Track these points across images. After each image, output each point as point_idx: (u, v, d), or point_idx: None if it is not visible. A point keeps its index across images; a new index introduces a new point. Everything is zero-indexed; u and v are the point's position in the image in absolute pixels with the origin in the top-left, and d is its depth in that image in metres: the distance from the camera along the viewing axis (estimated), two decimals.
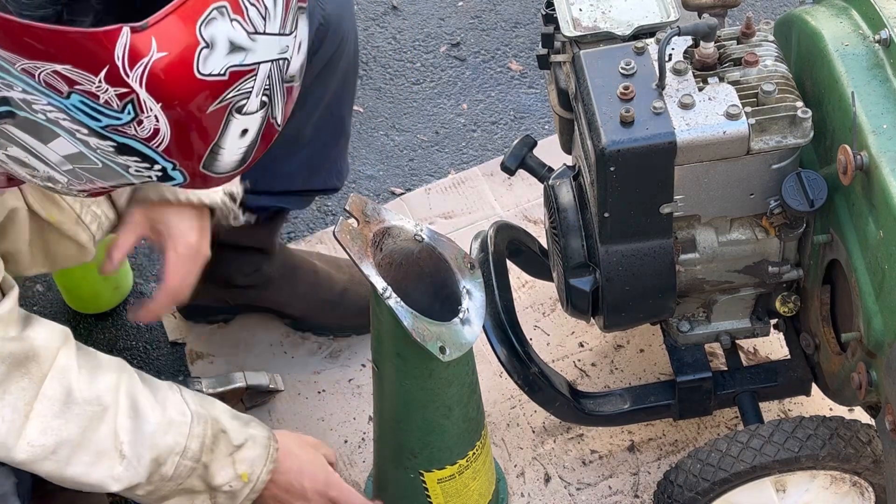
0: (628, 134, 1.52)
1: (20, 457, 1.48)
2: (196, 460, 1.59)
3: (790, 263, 1.71)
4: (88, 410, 1.50)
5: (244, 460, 1.64)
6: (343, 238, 1.55)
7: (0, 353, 1.44)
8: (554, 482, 2.03)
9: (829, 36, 1.57)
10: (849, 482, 1.71)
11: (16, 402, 1.46)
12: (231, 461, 1.63)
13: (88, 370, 1.52)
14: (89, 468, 1.52)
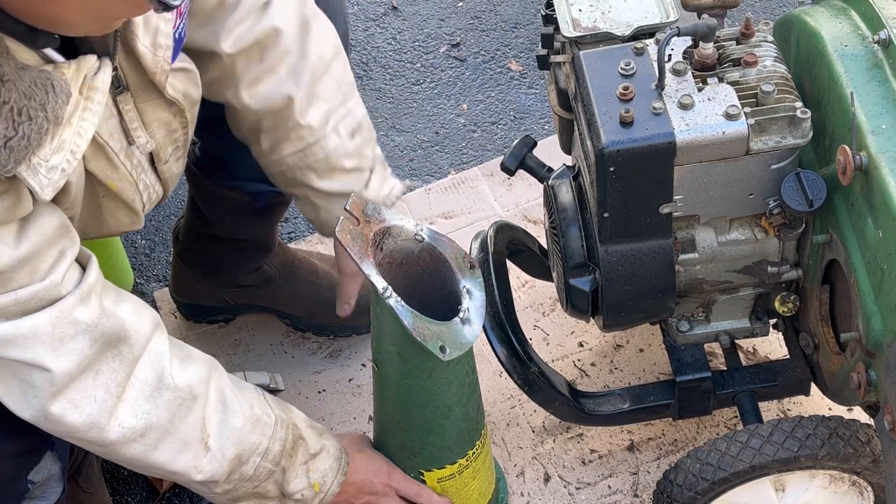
0: (628, 134, 1.53)
1: (112, 436, 1.49)
2: (276, 463, 1.61)
3: (789, 263, 1.71)
4: (179, 398, 1.52)
5: (318, 470, 1.66)
6: (343, 238, 1.55)
7: (94, 330, 1.45)
8: (554, 482, 2.03)
9: (828, 36, 1.58)
10: (848, 482, 1.72)
11: (108, 383, 1.47)
12: (306, 469, 1.65)
13: (180, 359, 1.55)
14: (175, 455, 1.54)
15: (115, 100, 1.49)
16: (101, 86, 1.38)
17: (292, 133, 1.71)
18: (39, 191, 1.34)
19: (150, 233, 2.48)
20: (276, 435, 1.60)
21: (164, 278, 2.39)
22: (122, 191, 1.56)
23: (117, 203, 1.58)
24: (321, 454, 1.67)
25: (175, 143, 1.63)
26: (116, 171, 1.53)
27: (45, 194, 1.34)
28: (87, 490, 1.92)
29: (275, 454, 1.60)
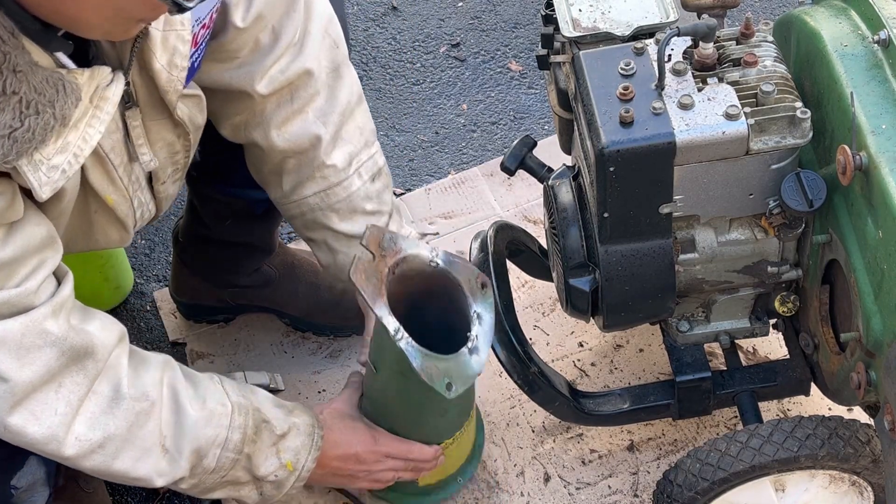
0: (628, 134, 1.53)
1: (69, 452, 1.49)
2: (238, 451, 1.60)
3: (789, 263, 1.71)
4: (135, 407, 1.52)
5: (288, 449, 1.65)
6: (358, 279, 1.57)
7: (63, 343, 1.45)
8: (553, 482, 2.03)
9: (828, 36, 1.58)
10: (848, 482, 1.72)
11: (70, 396, 1.47)
12: (275, 451, 1.64)
13: (134, 366, 1.54)
14: (135, 463, 1.54)
15: (124, 114, 1.49)
16: (112, 97, 1.38)
17: (317, 173, 1.73)
18: (38, 188, 1.33)
19: (150, 233, 2.48)
20: (233, 424, 1.59)
21: (164, 278, 2.39)
22: (118, 206, 1.56)
23: (109, 218, 1.59)
24: (290, 433, 1.66)
25: (175, 164, 1.64)
26: (114, 185, 1.53)
27: (42, 192, 1.34)
28: (86, 490, 1.92)
29: (235, 443, 1.59)
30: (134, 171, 1.56)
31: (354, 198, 1.75)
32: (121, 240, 1.64)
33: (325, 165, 1.72)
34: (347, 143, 1.74)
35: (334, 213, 1.76)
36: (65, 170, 1.35)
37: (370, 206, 1.77)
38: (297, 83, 1.67)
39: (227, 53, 1.61)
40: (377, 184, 1.78)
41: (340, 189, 1.74)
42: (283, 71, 1.65)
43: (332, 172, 1.73)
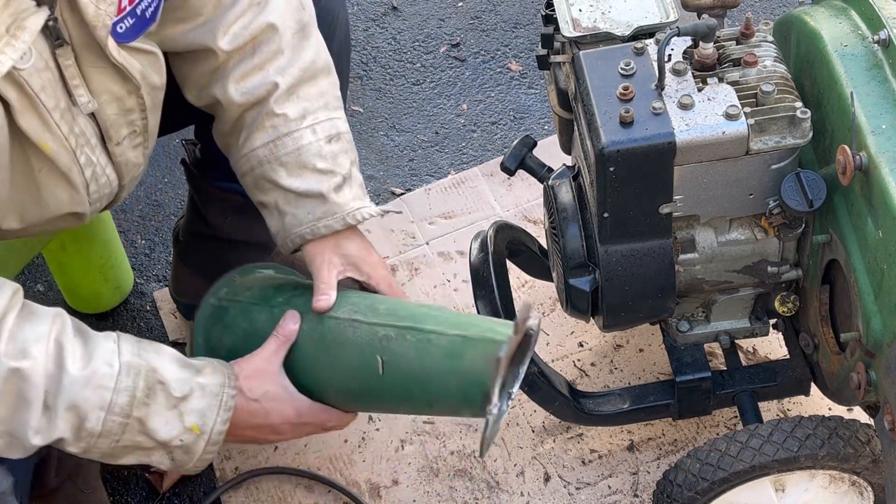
0: (628, 134, 1.53)
1: None
2: (126, 415, 1.49)
3: (789, 263, 1.71)
4: (10, 364, 1.43)
5: (192, 411, 1.53)
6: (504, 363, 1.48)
7: None
8: (553, 481, 2.03)
9: (828, 36, 1.58)
10: (848, 482, 1.72)
11: None
12: (177, 414, 1.53)
13: (20, 322, 1.45)
14: (13, 415, 1.44)
15: (54, 53, 1.44)
16: (31, 26, 1.35)
17: (266, 121, 1.66)
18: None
19: (150, 233, 2.48)
20: (119, 386, 1.48)
21: (164, 278, 2.39)
22: (57, 157, 1.49)
23: (54, 175, 1.52)
24: (193, 395, 1.54)
25: (131, 126, 1.59)
26: (49, 132, 1.47)
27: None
28: (84, 491, 1.91)
29: (122, 406, 1.48)
30: (78, 122, 1.51)
31: (304, 152, 1.66)
32: (72, 201, 1.56)
33: (275, 114, 1.65)
34: (304, 101, 1.67)
35: (282, 167, 1.67)
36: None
37: (321, 164, 1.67)
38: (260, 38, 1.64)
39: (190, 11, 1.59)
40: (333, 145, 1.69)
41: (290, 140, 1.66)
42: (245, 27, 1.63)
43: (281, 122, 1.66)
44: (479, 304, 1.79)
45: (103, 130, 1.56)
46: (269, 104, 1.65)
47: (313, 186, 1.66)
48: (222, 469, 2.11)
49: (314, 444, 2.12)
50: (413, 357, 1.56)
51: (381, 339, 1.58)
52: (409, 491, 2.05)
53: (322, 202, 1.66)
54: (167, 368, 1.54)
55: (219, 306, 1.73)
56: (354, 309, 1.62)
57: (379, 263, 1.72)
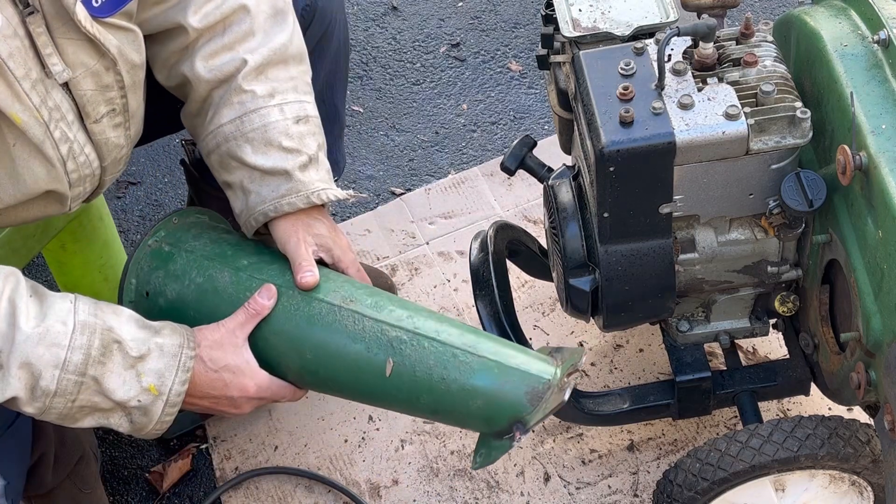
0: (628, 134, 1.53)
1: None
2: (81, 374, 1.47)
3: (789, 263, 1.71)
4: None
5: (150, 372, 1.51)
6: None
7: None
8: (553, 481, 2.03)
9: (828, 36, 1.58)
10: (848, 481, 1.72)
11: None
12: (134, 374, 1.50)
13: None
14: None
15: (24, 21, 1.43)
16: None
17: (234, 97, 1.64)
18: None
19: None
20: (73, 344, 1.46)
21: None
22: (28, 128, 1.47)
23: (28, 149, 1.50)
24: (151, 355, 1.52)
25: (110, 104, 1.57)
26: (20, 102, 1.46)
27: None
28: (84, 490, 1.91)
29: (76, 364, 1.46)
30: (52, 96, 1.49)
31: (271, 129, 1.63)
32: (49, 177, 1.53)
33: (243, 90, 1.63)
34: (273, 81, 1.65)
35: (248, 144, 1.64)
36: None
37: (288, 142, 1.64)
38: (231, 18, 1.63)
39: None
40: (301, 126, 1.66)
41: (256, 116, 1.63)
42: (218, 6, 1.62)
43: (249, 98, 1.63)
44: (479, 304, 1.79)
45: (80, 107, 1.53)
46: (237, 80, 1.63)
47: (278, 164, 1.63)
48: (222, 469, 2.11)
49: (314, 444, 2.12)
50: (432, 366, 1.54)
51: (393, 341, 1.55)
52: (409, 491, 2.05)
53: (287, 179, 1.63)
54: (124, 328, 1.51)
55: (160, 250, 1.68)
56: (349, 297, 1.59)
57: (347, 247, 1.69)
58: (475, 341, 1.56)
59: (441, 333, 1.56)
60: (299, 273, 1.60)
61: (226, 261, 1.65)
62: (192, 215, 1.74)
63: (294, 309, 1.60)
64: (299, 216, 1.65)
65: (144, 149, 2.57)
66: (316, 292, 1.60)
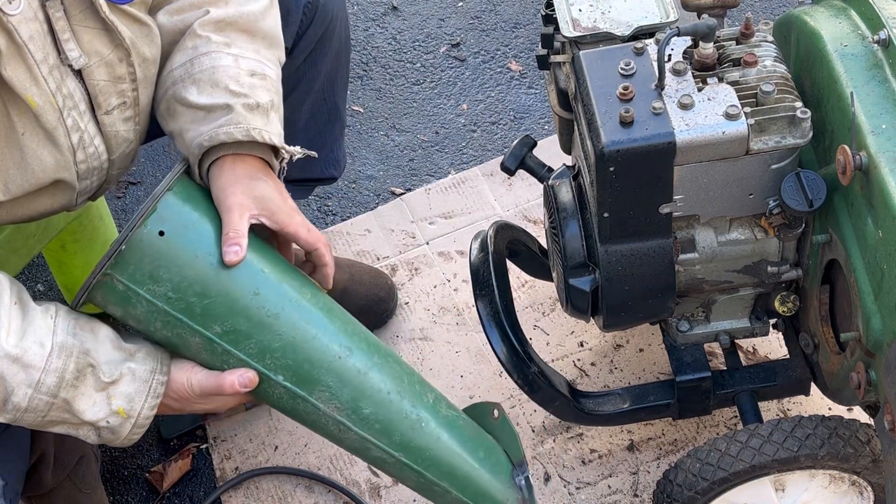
0: (628, 134, 1.53)
1: None
2: (53, 395, 1.48)
3: (789, 263, 1.71)
4: None
5: (120, 395, 1.51)
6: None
7: None
8: (554, 481, 2.03)
9: (828, 36, 1.58)
10: (848, 481, 1.72)
11: None
12: (105, 396, 1.51)
13: None
14: None
15: (44, 5, 1.43)
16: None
17: (188, 42, 1.58)
18: None
19: None
20: (48, 367, 1.46)
21: None
22: (42, 112, 1.47)
23: (38, 136, 1.49)
24: (122, 380, 1.51)
25: (122, 96, 1.56)
26: (37, 86, 1.46)
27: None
28: (83, 490, 1.92)
29: (49, 386, 1.46)
30: (66, 83, 1.49)
31: (220, 72, 1.54)
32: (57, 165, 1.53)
33: (197, 35, 1.56)
34: (233, 40, 1.57)
35: (194, 85, 1.55)
36: None
37: (236, 86, 1.54)
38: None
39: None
40: (255, 79, 1.56)
41: (206, 59, 1.55)
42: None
43: (202, 42, 1.56)
44: (479, 304, 1.79)
45: (92, 96, 1.53)
46: (194, 27, 1.58)
47: (218, 101, 1.54)
48: (222, 469, 2.11)
49: (314, 444, 2.12)
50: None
51: (376, 461, 1.59)
52: (409, 491, 2.05)
53: (227, 112, 1.54)
54: (100, 351, 1.51)
55: (112, 287, 1.50)
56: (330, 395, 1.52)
57: (294, 210, 1.57)
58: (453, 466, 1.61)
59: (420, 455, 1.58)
60: (224, 245, 1.48)
61: (194, 320, 1.49)
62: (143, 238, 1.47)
63: (273, 397, 1.54)
64: (240, 168, 1.53)
65: (144, 148, 2.57)
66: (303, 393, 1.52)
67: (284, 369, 1.50)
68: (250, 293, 1.47)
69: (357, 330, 1.58)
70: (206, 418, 2.17)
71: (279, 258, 1.55)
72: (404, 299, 2.30)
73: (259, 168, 1.55)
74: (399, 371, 1.58)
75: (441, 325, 2.25)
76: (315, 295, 1.54)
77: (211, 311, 1.47)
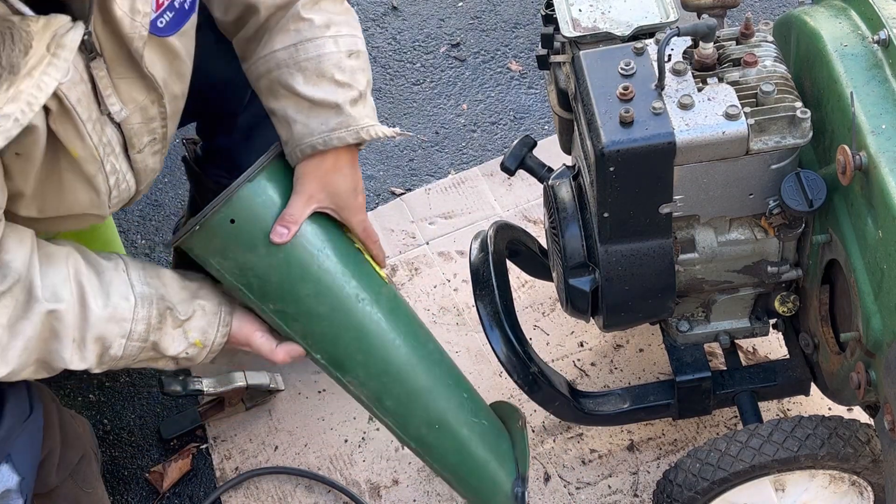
0: (628, 134, 1.53)
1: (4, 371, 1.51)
2: (143, 340, 1.62)
3: (789, 263, 1.71)
4: (48, 307, 1.53)
5: (195, 329, 1.67)
6: None
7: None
8: (554, 481, 2.03)
9: (828, 36, 1.58)
10: (848, 481, 1.72)
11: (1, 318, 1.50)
12: (182, 332, 1.66)
13: (43, 266, 1.55)
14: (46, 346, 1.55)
15: (88, 66, 1.47)
16: (70, 44, 1.36)
17: (291, 25, 1.64)
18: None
19: (150, 233, 2.48)
20: (136, 317, 1.60)
21: None
22: (84, 163, 1.54)
23: (78, 177, 1.56)
24: (195, 315, 1.67)
25: (152, 133, 1.61)
26: (81, 140, 1.51)
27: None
28: (85, 489, 1.92)
29: (140, 333, 1.61)
30: (105, 132, 1.53)
31: (325, 60, 1.63)
32: (91, 204, 1.61)
33: (301, 18, 1.63)
34: (328, 13, 1.65)
35: (300, 73, 1.64)
36: (17, 118, 1.33)
37: (340, 75, 1.64)
38: None
39: None
40: (353, 61, 1.66)
41: (312, 46, 1.63)
42: None
43: (306, 27, 1.64)
44: (479, 304, 1.80)
45: (127, 139, 1.59)
46: (297, 8, 1.64)
47: (330, 96, 1.64)
48: (222, 469, 2.11)
49: (314, 444, 2.12)
50: None
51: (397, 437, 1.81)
52: (409, 491, 2.05)
53: (337, 113, 1.64)
54: (171, 293, 1.66)
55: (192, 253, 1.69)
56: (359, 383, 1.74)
57: (360, 208, 1.72)
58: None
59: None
60: (276, 224, 1.63)
61: (253, 294, 1.68)
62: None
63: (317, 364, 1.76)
64: (328, 160, 1.65)
65: None
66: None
67: (323, 352, 1.71)
68: (304, 287, 1.66)
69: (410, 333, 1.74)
70: (206, 418, 2.17)
71: (349, 254, 1.70)
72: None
73: (346, 160, 1.68)
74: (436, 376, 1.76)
75: (441, 325, 2.25)
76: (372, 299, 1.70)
77: (267, 292, 1.66)
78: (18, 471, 1.58)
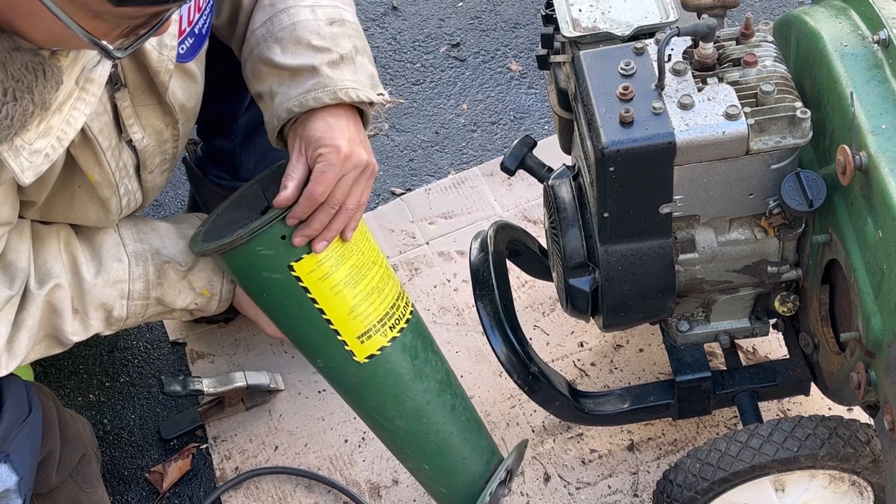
0: (628, 134, 1.53)
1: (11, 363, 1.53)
2: (145, 298, 1.63)
3: (789, 263, 1.71)
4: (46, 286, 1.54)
5: (199, 278, 1.67)
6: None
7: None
8: (554, 481, 2.03)
9: (828, 36, 1.58)
10: (848, 482, 1.72)
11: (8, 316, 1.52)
12: (187, 283, 1.66)
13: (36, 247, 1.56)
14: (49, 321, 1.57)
15: (112, 97, 1.48)
16: (98, 79, 1.37)
17: (266, 1, 1.61)
18: (20, 173, 1.33)
19: None
20: (132, 276, 1.61)
21: None
22: (100, 186, 1.55)
23: (91, 196, 1.57)
24: (197, 264, 1.66)
25: (164, 154, 1.63)
26: (99, 167, 1.53)
27: (24, 178, 1.34)
28: (85, 490, 1.92)
29: (139, 292, 1.62)
30: (122, 156, 1.55)
31: (300, 28, 1.57)
32: (98, 220, 1.63)
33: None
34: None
35: (276, 44, 1.57)
36: (48, 154, 1.34)
37: (318, 41, 1.56)
38: None
39: None
40: (334, 28, 1.59)
41: (285, 16, 1.58)
42: None
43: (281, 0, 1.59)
44: (479, 304, 1.80)
45: (140, 161, 1.60)
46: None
47: (305, 61, 1.56)
48: (222, 469, 2.11)
49: (314, 444, 2.12)
50: None
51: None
52: (409, 491, 2.05)
53: (313, 75, 1.56)
54: (167, 245, 1.66)
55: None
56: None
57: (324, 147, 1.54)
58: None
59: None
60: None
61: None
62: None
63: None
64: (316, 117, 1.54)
65: None
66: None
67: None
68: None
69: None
70: (206, 418, 2.17)
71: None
72: None
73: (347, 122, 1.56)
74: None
75: (441, 325, 2.25)
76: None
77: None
78: (17, 470, 1.58)
